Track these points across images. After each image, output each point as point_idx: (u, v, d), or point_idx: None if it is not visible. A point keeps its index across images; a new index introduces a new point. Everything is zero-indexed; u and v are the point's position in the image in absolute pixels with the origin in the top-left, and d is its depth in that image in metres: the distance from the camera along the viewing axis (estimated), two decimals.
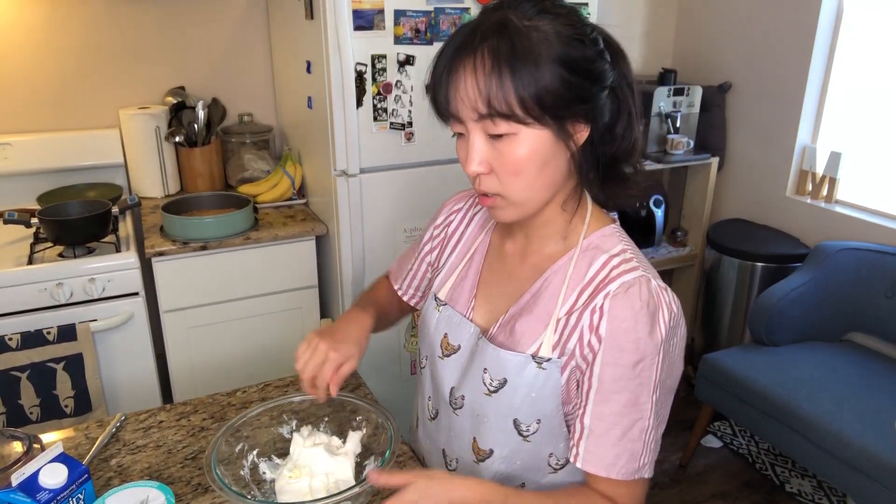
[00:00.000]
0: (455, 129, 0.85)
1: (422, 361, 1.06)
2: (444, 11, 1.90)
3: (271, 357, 2.12)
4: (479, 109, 0.78)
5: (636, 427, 0.83)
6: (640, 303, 0.81)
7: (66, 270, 1.81)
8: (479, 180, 0.84)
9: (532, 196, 0.84)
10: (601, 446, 0.83)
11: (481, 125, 0.80)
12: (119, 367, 1.93)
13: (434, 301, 1.02)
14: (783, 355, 2.28)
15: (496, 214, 0.88)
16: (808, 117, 2.63)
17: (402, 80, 1.92)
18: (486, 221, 1.04)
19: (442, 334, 0.99)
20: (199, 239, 1.97)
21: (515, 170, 0.81)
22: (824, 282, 2.33)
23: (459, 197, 1.11)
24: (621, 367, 0.82)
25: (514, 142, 0.79)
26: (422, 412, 1.08)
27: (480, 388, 0.92)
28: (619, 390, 0.82)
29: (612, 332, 0.82)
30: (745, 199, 2.91)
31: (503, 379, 0.89)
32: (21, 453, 0.94)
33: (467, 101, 0.79)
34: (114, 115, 2.34)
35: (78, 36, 2.26)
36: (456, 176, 2.06)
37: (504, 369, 0.89)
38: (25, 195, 2.21)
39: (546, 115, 0.77)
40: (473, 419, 0.95)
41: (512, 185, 0.82)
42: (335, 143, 1.91)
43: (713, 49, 2.94)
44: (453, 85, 0.79)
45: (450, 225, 1.08)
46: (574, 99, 0.78)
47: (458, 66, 0.78)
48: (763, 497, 2.32)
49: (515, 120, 0.77)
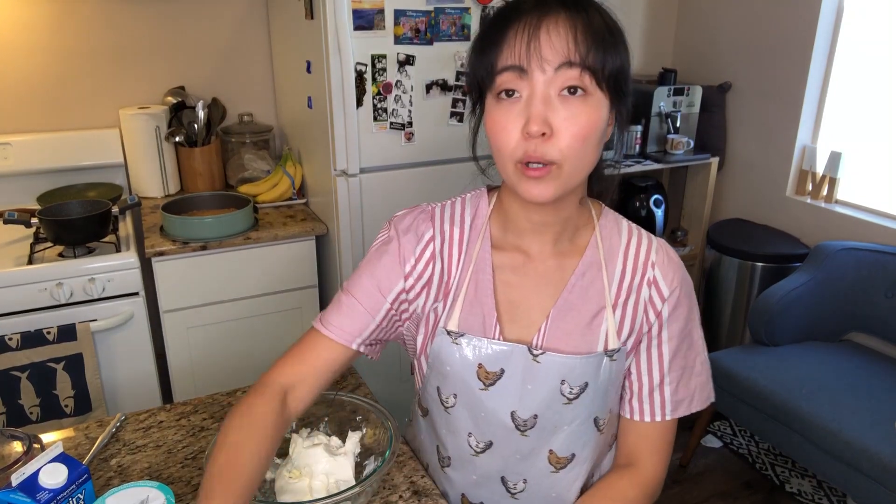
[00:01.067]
0: (509, 84, 0.78)
1: (447, 401, 0.95)
2: (444, 11, 1.90)
3: (271, 357, 2.11)
4: (565, 58, 0.76)
5: (698, 361, 0.95)
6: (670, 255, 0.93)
7: (66, 270, 1.81)
8: (534, 145, 0.77)
9: (581, 169, 0.82)
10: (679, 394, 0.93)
11: (559, 77, 0.76)
12: (119, 367, 1.93)
13: (447, 336, 0.91)
14: (783, 355, 2.28)
15: (540, 189, 0.79)
16: (808, 117, 2.63)
17: (402, 80, 1.92)
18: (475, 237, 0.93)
19: (475, 366, 0.90)
20: (199, 239, 1.97)
21: (584, 133, 0.78)
22: (824, 282, 2.33)
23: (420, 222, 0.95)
24: (681, 322, 0.92)
25: (587, 103, 0.78)
26: (456, 451, 0.98)
27: (558, 399, 0.89)
28: (682, 338, 0.93)
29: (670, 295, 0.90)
30: (745, 199, 2.91)
31: (584, 383, 0.89)
32: (21, 453, 0.94)
33: (554, 48, 0.76)
34: (114, 115, 2.34)
35: (78, 36, 2.26)
36: (456, 176, 2.06)
37: (584, 374, 0.88)
38: (25, 195, 2.21)
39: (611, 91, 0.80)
40: (549, 432, 0.91)
41: (574, 152, 0.78)
42: (335, 143, 1.91)
43: (713, 49, 2.94)
44: (535, 33, 0.76)
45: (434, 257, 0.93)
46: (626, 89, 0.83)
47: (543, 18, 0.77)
48: (763, 497, 2.32)
49: (596, 79, 0.77)
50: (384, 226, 0.99)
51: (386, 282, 0.93)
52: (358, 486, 0.87)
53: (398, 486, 0.99)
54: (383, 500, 0.97)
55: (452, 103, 2.00)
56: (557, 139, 0.77)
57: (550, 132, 0.77)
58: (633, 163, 2.72)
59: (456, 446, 0.97)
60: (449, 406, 0.95)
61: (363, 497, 0.90)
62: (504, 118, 0.79)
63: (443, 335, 0.91)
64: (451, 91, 1.99)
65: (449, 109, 2.00)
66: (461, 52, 1.95)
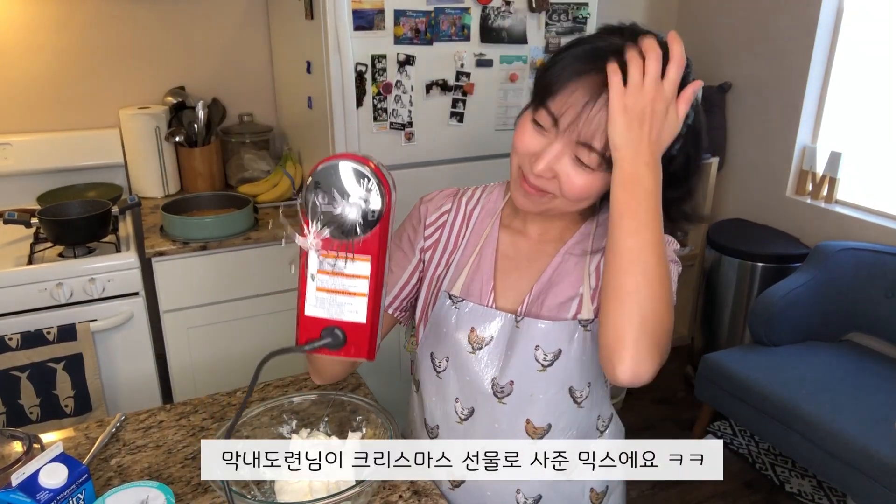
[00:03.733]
0: (542, 119, 0.84)
1: (439, 365, 1.02)
2: (444, 11, 1.90)
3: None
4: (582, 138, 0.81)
5: None
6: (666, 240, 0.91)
7: (66, 270, 1.81)
8: (535, 176, 0.86)
9: (577, 206, 0.89)
10: None
11: (576, 147, 0.82)
12: (119, 367, 1.93)
13: (449, 299, 1.00)
14: (783, 355, 2.28)
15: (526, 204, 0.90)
16: (808, 117, 2.63)
17: (402, 80, 1.91)
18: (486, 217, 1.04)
19: (468, 329, 0.98)
20: (199, 239, 1.97)
21: (579, 195, 0.85)
22: (824, 282, 2.33)
23: (442, 197, 1.08)
24: None
25: (594, 174, 0.83)
26: (444, 418, 1.03)
27: (532, 366, 0.94)
28: None
29: None
30: (745, 199, 2.91)
31: (557, 350, 0.92)
32: (21, 453, 0.94)
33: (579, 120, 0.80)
34: (114, 115, 2.34)
35: (78, 36, 2.26)
36: (456, 176, 2.06)
37: (557, 340, 0.92)
38: (25, 195, 2.21)
39: None
40: (524, 400, 0.95)
41: (569, 197, 0.86)
42: (335, 144, 1.91)
43: (713, 49, 2.94)
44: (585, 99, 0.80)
45: (443, 227, 1.06)
46: None
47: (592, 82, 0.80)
48: (763, 497, 2.32)
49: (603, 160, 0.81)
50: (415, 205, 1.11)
51: (413, 237, 1.06)
52: (358, 486, 0.87)
53: (398, 486, 1.00)
54: (383, 500, 0.97)
55: (452, 103, 2.00)
56: (557, 183, 0.85)
57: (551, 175, 0.85)
58: None
59: (444, 413, 1.03)
60: (441, 370, 1.02)
61: (363, 497, 0.90)
62: (528, 136, 0.86)
63: (444, 298, 1.00)
64: (451, 91, 1.99)
65: (449, 109, 2.00)
66: (461, 53, 1.95)
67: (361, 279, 0.71)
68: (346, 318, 0.73)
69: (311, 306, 0.73)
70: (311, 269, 0.72)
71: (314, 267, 0.72)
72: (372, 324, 0.73)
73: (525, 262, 0.99)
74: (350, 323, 0.73)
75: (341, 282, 0.72)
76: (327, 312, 0.73)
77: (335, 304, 0.72)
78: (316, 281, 0.72)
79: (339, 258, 0.71)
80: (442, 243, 1.05)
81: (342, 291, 0.72)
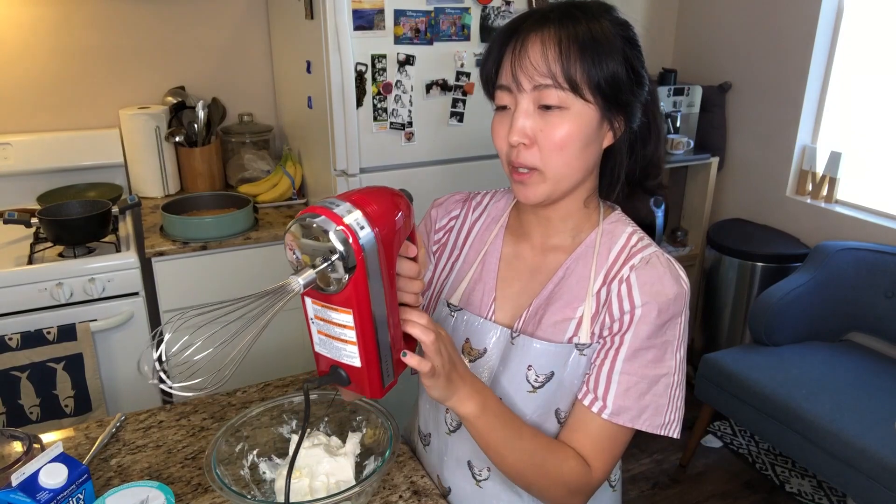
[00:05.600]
0: (501, 101, 0.87)
1: None
2: (444, 11, 1.90)
3: (271, 357, 2.12)
4: (539, 79, 0.82)
5: (661, 382, 0.87)
6: (662, 268, 0.87)
7: (66, 270, 1.81)
8: (517, 152, 0.86)
9: (568, 174, 0.87)
10: (628, 399, 0.86)
11: (535, 95, 0.83)
12: (119, 366, 1.93)
13: (447, 308, 0.99)
14: (783, 355, 2.28)
15: (526, 192, 0.88)
16: (808, 117, 2.63)
17: (402, 79, 1.91)
18: (492, 224, 1.03)
19: (462, 340, 0.97)
20: (199, 239, 1.97)
21: (561, 144, 0.84)
22: (824, 282, 2.33)
23: (453, 202, 1.08)
24: (650, 326, 0.86)
25: (564, 116, 0.83)
26: (435, 426, 1.03)
27: (523, 386, 0.91)
28: (647, 347, 0.86)
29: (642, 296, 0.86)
30: (745, 199, 2.91)
31: (550, 372, 0.90)
32: (21, 453, 0.94)
33: (530, 69, 0.82)
34: (114, 115, 2.34)
35: (78, 36, 2.26)
36: (456, 176, 2.06)
37: (551, 363, 0.89)
38: (25, 195, 2.21)
39: (598, 97, 0.83)
40: None
41: (553, 160, 0.85)
42: (335, 143, 1.91)
43: (713, 49, 2.94)
44: (519, 54, 0.83)
45: (451, 231, 1.05)
46: (623, 92, 0.85)
47: (529, 37, 0.83)
48: (763, 497, 2.32)
49: (574, 92, 0.82)
50: None
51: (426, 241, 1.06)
52: (358, 486, 0.87)
53: (398, 486, 0.99)
54: (383, 500, 0.97)
55: (452, 103, 2.00)
56: (537, 148, 0.85)
57: (530, 142, 0.85)
58: None
59: (435, 421, 1.03)
60: None
61: (363, 497, 0.90)
62: (499, 126, 0.89)
63: (443, 306, 1.00)
64: (451, 91, 1.98)
65: (449, 109, 2.00)
66: (461, 52, 1.95)
67: (348, 329, 0.70)
68: (345, 362, 0.74)
69: (317, 345, 0.76)
70: (309, 312, 0.73)
71: (311, 312, 0.73)
72: (368, 368, 0.72)
73: (527, 273, 0.96)
74: (349, 365, 0.73)
75: (333, 329, 0.72)
76: (329, 353, 0.75)
77: (333, 347, 0.74)
78: (314, 325, 0.74)
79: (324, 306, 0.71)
80: (448, 248, 1.05)
81: (336, 338, 0.72)
